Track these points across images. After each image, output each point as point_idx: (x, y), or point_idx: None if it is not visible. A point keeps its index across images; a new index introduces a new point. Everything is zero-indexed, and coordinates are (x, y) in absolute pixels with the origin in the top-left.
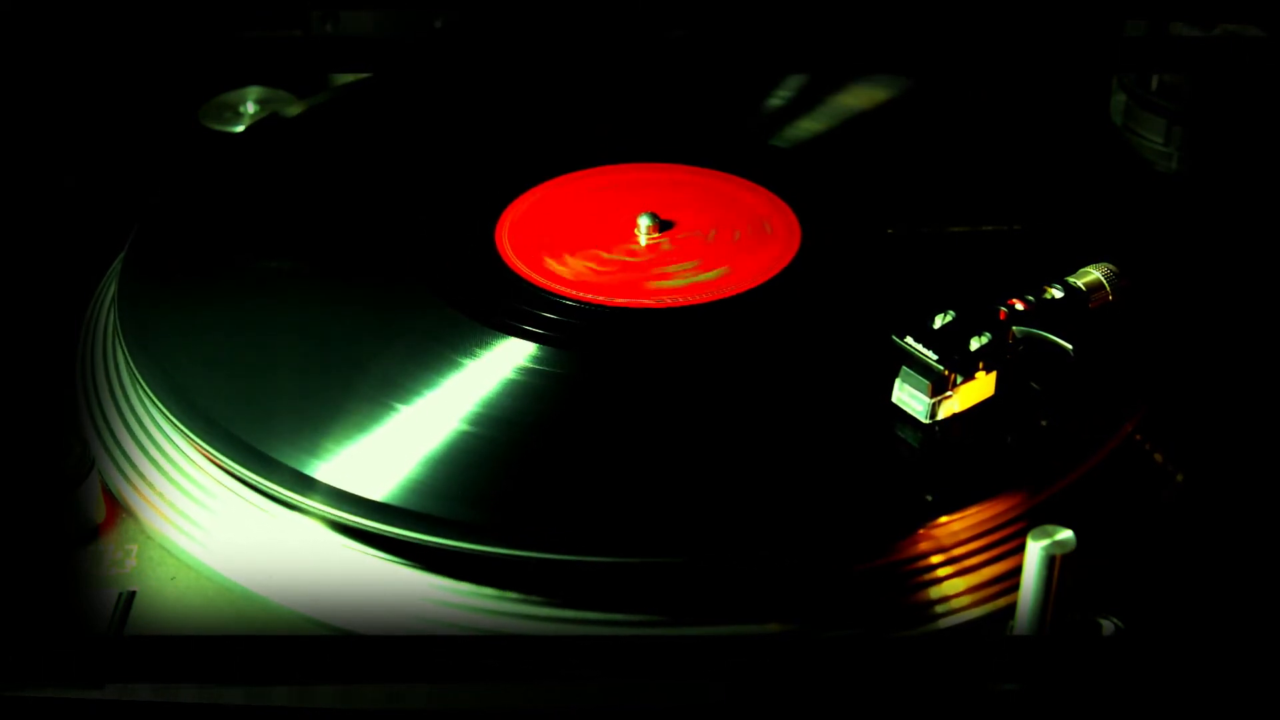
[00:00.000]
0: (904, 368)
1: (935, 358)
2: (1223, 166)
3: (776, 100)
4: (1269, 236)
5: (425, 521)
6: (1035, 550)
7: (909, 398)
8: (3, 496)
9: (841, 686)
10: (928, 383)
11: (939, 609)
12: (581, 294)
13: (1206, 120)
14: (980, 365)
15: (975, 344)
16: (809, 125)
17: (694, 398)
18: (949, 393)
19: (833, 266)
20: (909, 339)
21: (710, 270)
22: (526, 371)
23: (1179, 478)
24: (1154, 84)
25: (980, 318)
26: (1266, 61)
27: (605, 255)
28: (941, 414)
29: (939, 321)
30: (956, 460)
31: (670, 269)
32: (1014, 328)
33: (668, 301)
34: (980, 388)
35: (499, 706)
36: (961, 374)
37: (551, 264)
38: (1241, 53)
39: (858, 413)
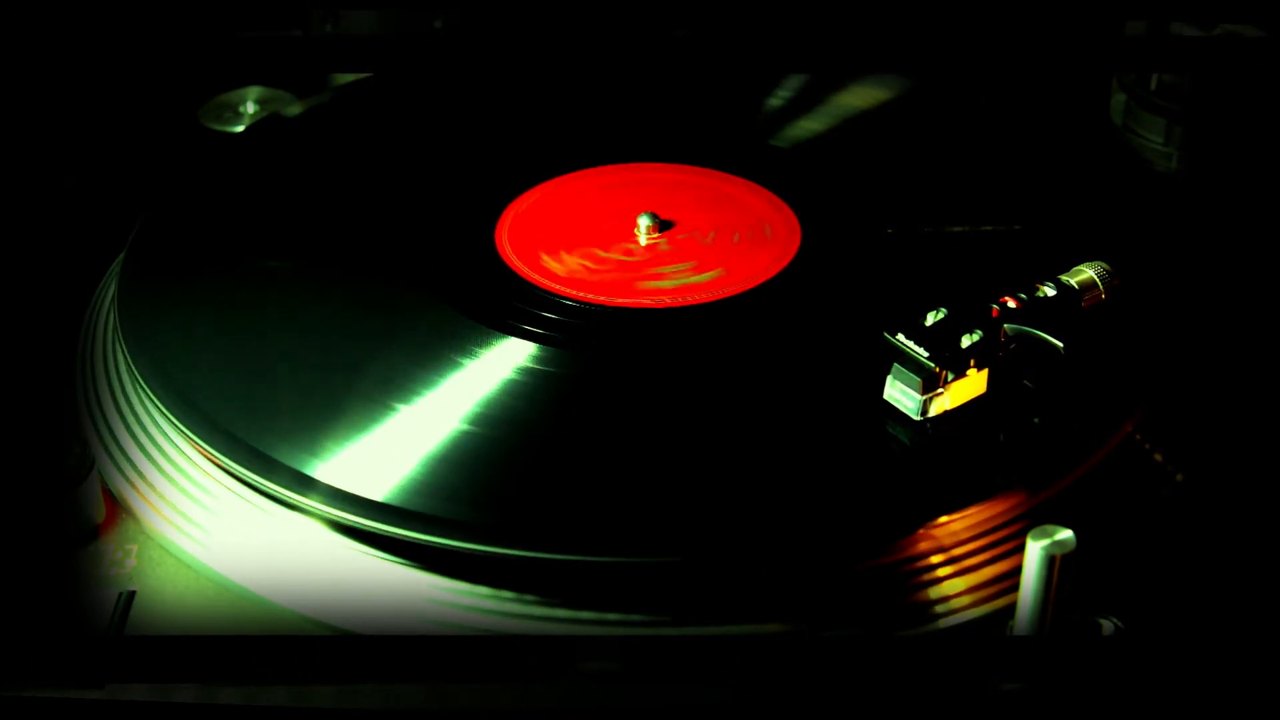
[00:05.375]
0: (895, 365)
1: (926, 355)
2: (1223, 166)
3: (776, 100)
4: (1268, 236)
5: (425, 521)
6: (1035, 550)
7: (900, 395)
8: (3, 496)
9: (841, 686)
10: (919, 380)
11: (939, 609)
12: (581, 294)
13: (1206, 120)
14: (972, 362)
15: (966, 341)
16: (809, 125)
17: (694, 398)
18: (940, 390)
19: (832, 266)
20: (900, 336)
21: (710, 270)
22: (526, 371)
23: (1179, 478)
24: (1154, 84)
25: (972, 315)
26: (1266, 61)
27: (605, 255)
28: (933, 411)
29: (931, 319)
30: (956, 460)
31: (670, 269)
32: (1005, 325)
33: (667, 301)
34: (972, 385)
35: (499, 706)
36: (953, 371)
37: (551, 264)
38: (1241, 53)
39: (858, 413)
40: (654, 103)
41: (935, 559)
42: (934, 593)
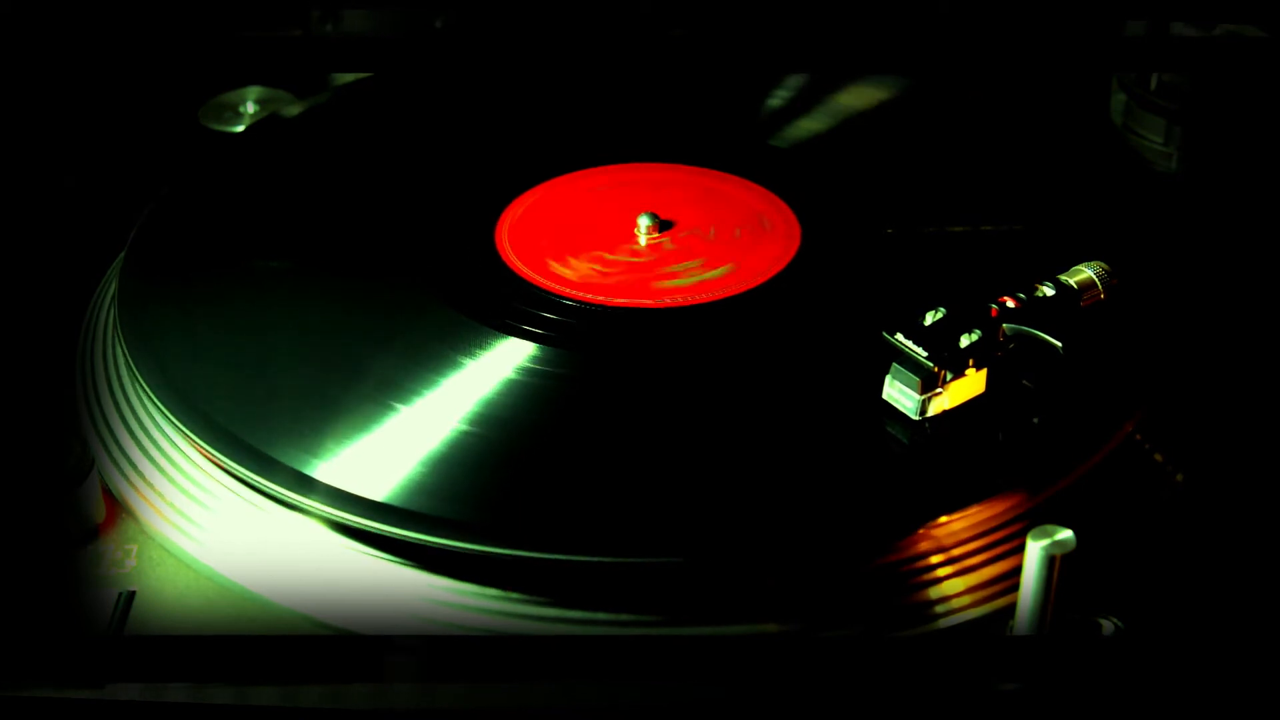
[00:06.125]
0: (894, 364)
1: (925, 354)
2: (1222, 166)
3: (776, 100)
4: (1268, 236)
5: (425, 521)
6: (1035, 550)
7: (899, 394)
8: (3, 496)
9: (841, 686)
10: (918, 379)
11: (939, 609)
12: (581, 294)
13: (1206, 120)
14: (970, 362)
15: (965, 341)
16: (809, 125)
17: (694, 398)
18: (939, 389)
19: (832, 266)
20: (899, 335)
21: (710, 270)
22: (526, 372)
23: (1179, 478)
24: (1154, 84)
25: (971, 314)
26: (1266, 61)
27: (605, 255)
28: (931, 410)
29: (930, 318)
30: (955, 459)
31: (670, 269)
32: (1004, 325)
33: (667, 301)
34: (971, 385)
35: (499, 706)
36: (951, 371)
37: (551, 264)
38: (1241, 53)
39: (858, 413)
40: (653, 103)
41: (935, 559)
42: (934, 593)
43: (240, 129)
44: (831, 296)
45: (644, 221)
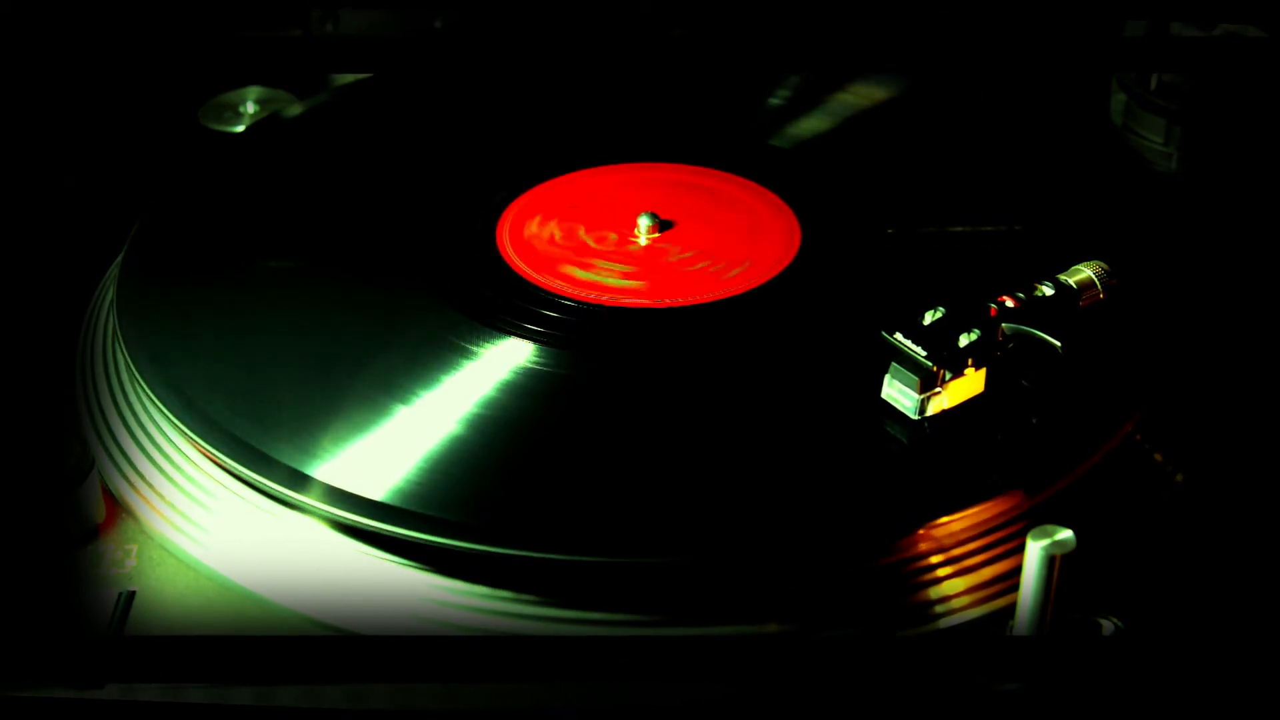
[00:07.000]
0: (893, 364)
1: (924, 354)
2: (1222, 166)
3: (776, 100)
4: (1268, 236)
5: (425, 521)
6: (1035, 550)
7: (898, 394)
8: (3, 496)
9: (841, 686)
10: (916, 379)
11: (939, 609)
12: (581, 294)
13: (1206, 120)
14: (970, 362)
15: (964, 340)
16: (809, 125)
17: (693, 398)
18: (938, 389)
19: (832, 266)
20: (898, 335)
21: (709, 270)
22: (526, 371)
23: (1178, 478)
24: (1154, 84)
25: (970, 314)
26: (1266, 61)
27: (605, 255)
28: (931, 410)
29: (929, 318)
30: (955, 459)
31: (670, 269)
32: (1003, 325)
33: (667, 301)
34: (970, 384)
35: (499, 706)
36: (950, 370)
37: (551, 264)
38: (1241, 53)
39: (858, 413)
40: (654, 103)
41: (935, 559)
42: (934, 593)
43: (240, 129)
44: (831, 296)
45: (644, 221)
